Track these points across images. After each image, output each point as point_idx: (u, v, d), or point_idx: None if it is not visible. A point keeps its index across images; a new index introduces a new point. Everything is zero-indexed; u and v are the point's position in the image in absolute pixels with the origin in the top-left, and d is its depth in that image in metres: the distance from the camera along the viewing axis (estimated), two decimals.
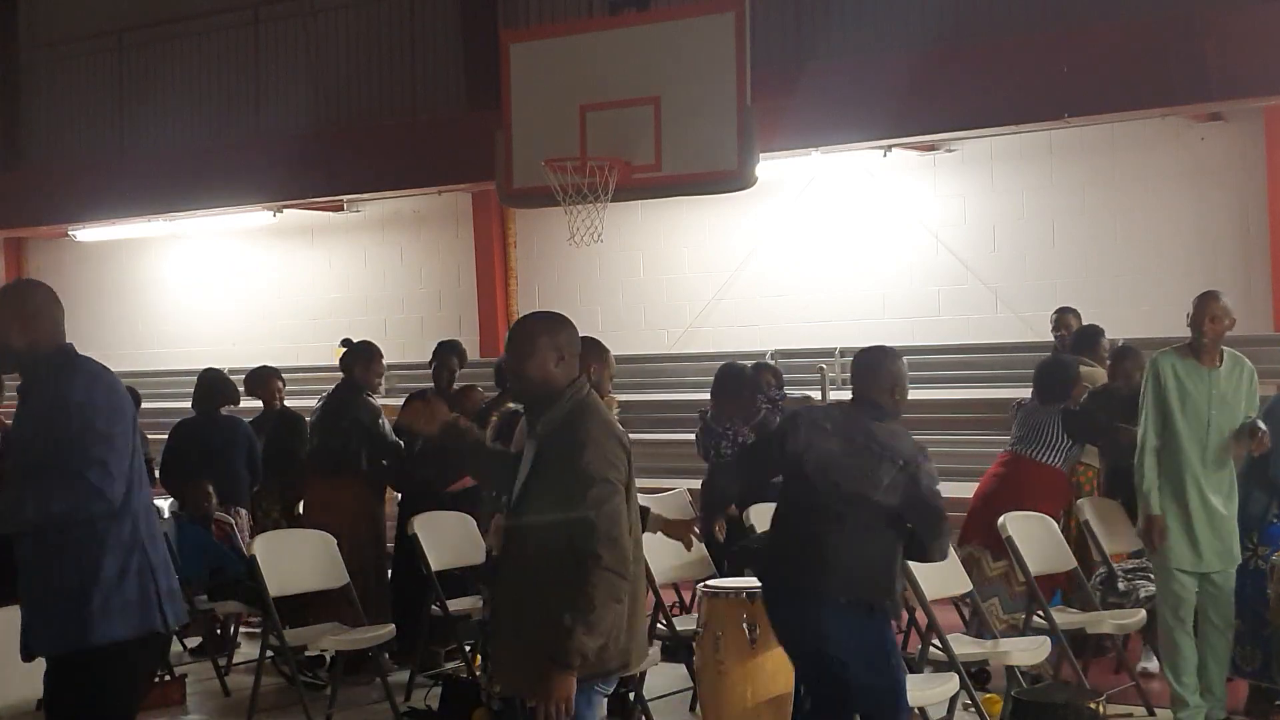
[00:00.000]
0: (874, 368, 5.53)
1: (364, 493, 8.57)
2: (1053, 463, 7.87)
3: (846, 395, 7.55)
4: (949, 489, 8.18)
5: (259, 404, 10.21)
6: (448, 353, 9.71)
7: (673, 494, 9.12)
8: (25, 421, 4.58)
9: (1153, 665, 7.69)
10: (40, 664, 4.53)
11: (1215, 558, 6.71)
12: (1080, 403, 8.12)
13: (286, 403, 10.19)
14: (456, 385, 9.53)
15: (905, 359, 5.63)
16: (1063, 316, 9.81)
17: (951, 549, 6.03)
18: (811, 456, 5.33)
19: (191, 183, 14.48)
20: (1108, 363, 8.75)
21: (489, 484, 6.17)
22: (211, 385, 9.68)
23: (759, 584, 5.67)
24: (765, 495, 7.95)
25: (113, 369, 4.66)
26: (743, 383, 8.69)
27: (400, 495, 8.98)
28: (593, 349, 5.65)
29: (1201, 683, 6.78)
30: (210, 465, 9.31)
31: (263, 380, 10.10)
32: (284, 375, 10.48)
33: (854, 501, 5.24)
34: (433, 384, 9.57)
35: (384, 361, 8.87)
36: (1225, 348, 6.76)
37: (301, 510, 9.19)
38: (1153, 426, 6.71)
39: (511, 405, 7.72)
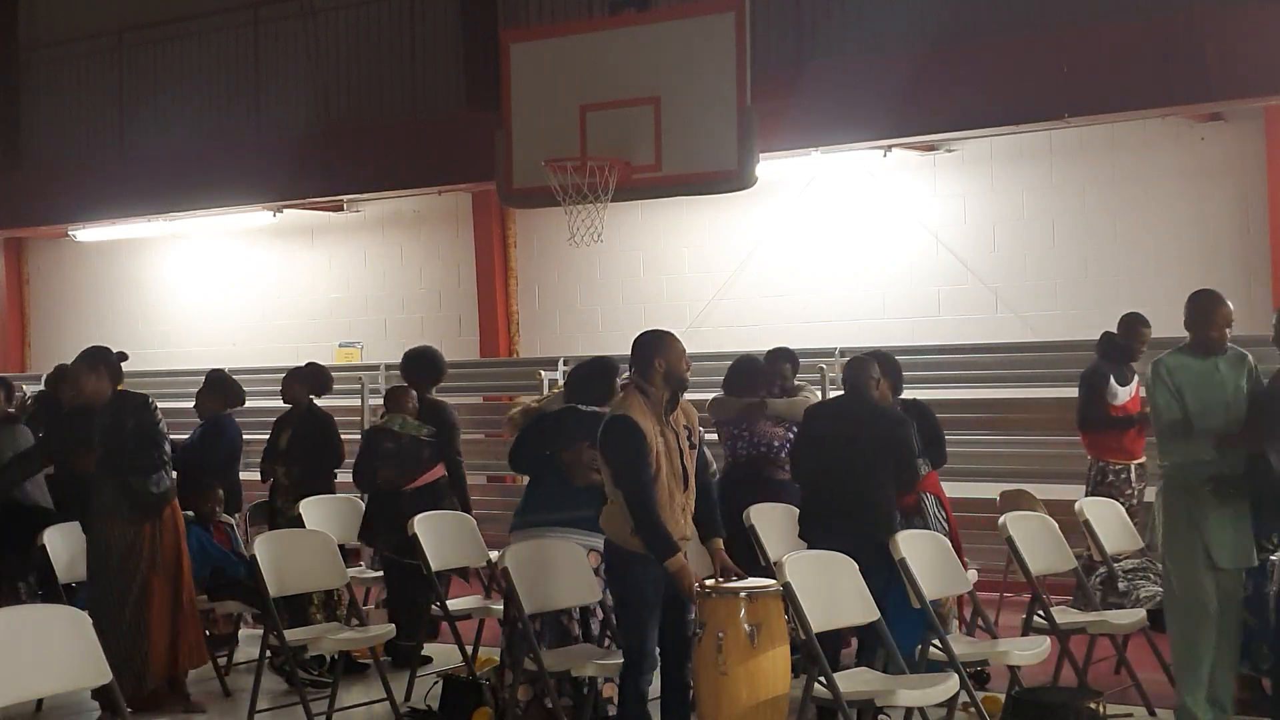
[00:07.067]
0: None
1: None
2: None
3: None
4: (950, 489, 8.24)
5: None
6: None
7: None
8: None
9: None
10: (39, 663, 4.52)
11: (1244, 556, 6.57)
12: None
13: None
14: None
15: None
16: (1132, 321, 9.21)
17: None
18: None
19: (191, 183, 14.47)
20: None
21: None
22: (225, 388, 9.76)
23: None
24: (780, 496, 7.98)
25: None
26: (756, 376, 8.63)
27: (366, 495, 8.98)
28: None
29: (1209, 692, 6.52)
30: (223, 470, 9.40)
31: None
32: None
33: None
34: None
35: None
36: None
37: None
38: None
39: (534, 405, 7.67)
